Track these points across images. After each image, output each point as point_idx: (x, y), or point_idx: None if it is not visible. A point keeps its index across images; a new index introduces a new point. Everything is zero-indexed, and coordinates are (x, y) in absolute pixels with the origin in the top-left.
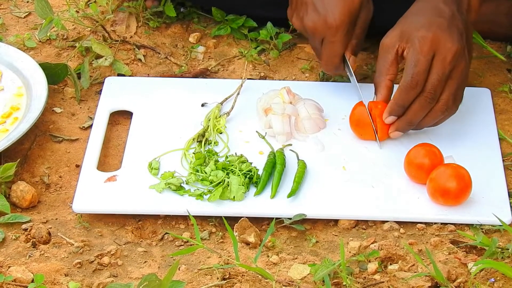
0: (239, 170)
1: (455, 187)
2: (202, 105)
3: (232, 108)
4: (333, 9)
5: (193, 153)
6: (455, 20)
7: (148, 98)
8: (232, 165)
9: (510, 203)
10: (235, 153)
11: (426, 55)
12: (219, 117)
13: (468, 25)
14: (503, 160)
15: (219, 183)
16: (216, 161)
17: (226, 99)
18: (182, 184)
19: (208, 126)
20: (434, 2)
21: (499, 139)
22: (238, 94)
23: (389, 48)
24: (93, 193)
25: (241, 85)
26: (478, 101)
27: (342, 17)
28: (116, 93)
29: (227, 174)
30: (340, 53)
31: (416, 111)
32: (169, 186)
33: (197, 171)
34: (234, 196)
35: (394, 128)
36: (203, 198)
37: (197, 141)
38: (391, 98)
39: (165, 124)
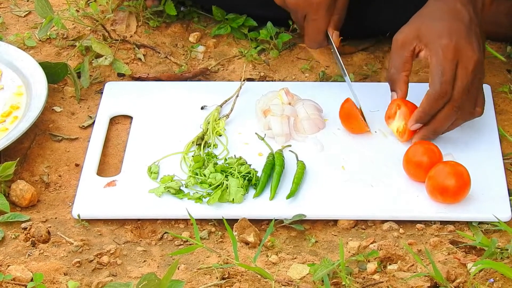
0: (238, 172)
1: (454, 184)
2: (202, 108)
3: (232, 110)
4: None
5: (192, 156)
6: (473, 24)
7: (147, 102)
8: (231, 167)
9: (509, 200)
10: (234, 155)
11: (450, 63)
12: (219, 119)
13: (482, 26)
14: (503, 159)
15: (218, 185)
16: (215, 163)
17: (226, 101)
18: (181, 188)
19: (208, 129)
20: (451, 2)
21: (499, 137)
22: (237, 96)
23: (405, 45)
24: (93, 198)
25: (240, 87)
26: None
27: None
28: (116, 97)
29: (226, 176)
30: (323, 29)
31: (442, 120)
32: (168, 190)
33: (196, 174)
34: (233, 199)
35: (419, 136)
36: (202, 201)
37: (196, 144)
38: (418, 106)
39: (165, 128)
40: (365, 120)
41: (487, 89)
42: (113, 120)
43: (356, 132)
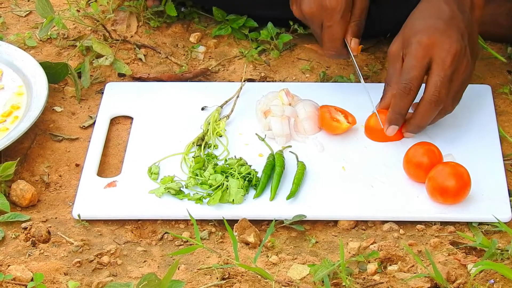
0: (238, 173)
1: (454, 185)
2: (202, 109)
3: (232, 111)
4: None
5: (192, 157)
6: (455, 20)
7: (148, 103)
8: (231, 168)
9: (510, 201)
10: (235, 156)
11: (420, 60)
12: (219, 120)
13: (472, 24)
14: (503, 160)
15: (218, 186)
16: (215, 164)
17: (226, 102)
18: (181, 188)
19: (208, 129)
20: (435, 2)
21: (500, 137)
22: (237, 97)
23: (395, 56)
24: (93, 199)
25: (241, 88)
26: (479, 98)
27: None
28: (117, 98)
29: (226, 177)
30: (340, 36)
31: (423, 115)
32: (168, 191)
33: (196, 175)
34: (233, 199)
35: (404, 130)
36: (203, 202)
37: (196, 145)
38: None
39: (165, 129)
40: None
41: (487, 89)
42: (114, 121)
43: (382, 141)
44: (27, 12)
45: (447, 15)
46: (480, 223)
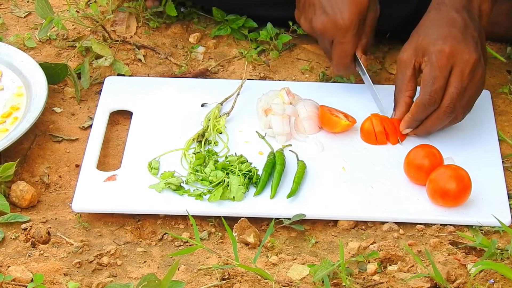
0: (239, 170)
1: (455, 188)
2: (202, 105)
3: (232, 108)
4: (342, 9)
5: (193, 153)
6: (469, 28)
7: (148, 98)
8: (232, 165)
9: (509, 204)
10: (235, 153)
11: (443, 70)
12: (219, 117)
13: (481, 31)
14: (502, 162)
15: (219, 183)
16: (216, 161)
17: (226, 99)
18: (181, 184)
19: (208, 126)
20: (446, 11)
21: (499, 140)
22: (238, 94)
23: (407, 63)
24: (92, 192)
25: (241, 85)
26: (478, 102)
27: (352, 17)
28: (116, 93)
29: (227, 174)
30: (351, 53)
31: (435, 123)
32: (168, 186)
33: (197, 171)
34: (233, 196)
35: (412, 133)
36: (203, 198)
37: (197, 141)
38: (409, 111)
39: (165, 124)
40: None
41: (486, 94)
42: (113, 121)
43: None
44: (27, 13)
45: (460, 24)
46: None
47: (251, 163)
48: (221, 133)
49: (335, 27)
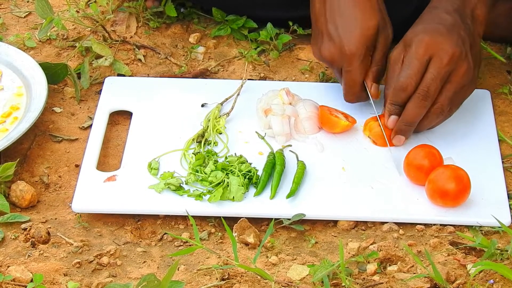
0: (239, 171)
1: (454, 188)
2: (202, 106)
3: (232, 108)
4: (348, 37)
5: (193, 153)
6: (456, 27)
7: (148, 98)
8: (232, 165)
9: (509, 204)
10: (235, 154)
11: (420, 58)
12: (219, 117)
13: (473, 35)
14: (502, 162)
15: (219, 183)
16: (216, 161)
17: (226, 99)
18: (181, 185)
19: (208, 126)
20: (437, 13)
21: (499, 140)
22: (238, 94)
23: (396, 59)
24: (92, 192)
25: (241, 85)
26: (478, 102)
27: (357, 44)
28: (116, 93)
29: (227, 174)
30: (359, 81)
31: (411, 110)
32: (168, 186)
33: (197, 171)
34: (233, 197)
35: (394, 132)
36: (203, 199)
37: (196, 142)
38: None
39: (164, 124)
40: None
41: (486, 94)
42: (113, 121)
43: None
44: (27, 13)
45: (449, 22)
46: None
47: (250, 164)
48: (221, 133)
49: (341, 55)
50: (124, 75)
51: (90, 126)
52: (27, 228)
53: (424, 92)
